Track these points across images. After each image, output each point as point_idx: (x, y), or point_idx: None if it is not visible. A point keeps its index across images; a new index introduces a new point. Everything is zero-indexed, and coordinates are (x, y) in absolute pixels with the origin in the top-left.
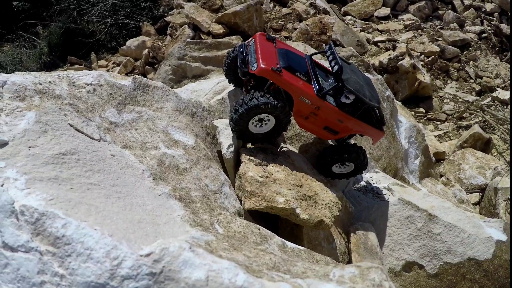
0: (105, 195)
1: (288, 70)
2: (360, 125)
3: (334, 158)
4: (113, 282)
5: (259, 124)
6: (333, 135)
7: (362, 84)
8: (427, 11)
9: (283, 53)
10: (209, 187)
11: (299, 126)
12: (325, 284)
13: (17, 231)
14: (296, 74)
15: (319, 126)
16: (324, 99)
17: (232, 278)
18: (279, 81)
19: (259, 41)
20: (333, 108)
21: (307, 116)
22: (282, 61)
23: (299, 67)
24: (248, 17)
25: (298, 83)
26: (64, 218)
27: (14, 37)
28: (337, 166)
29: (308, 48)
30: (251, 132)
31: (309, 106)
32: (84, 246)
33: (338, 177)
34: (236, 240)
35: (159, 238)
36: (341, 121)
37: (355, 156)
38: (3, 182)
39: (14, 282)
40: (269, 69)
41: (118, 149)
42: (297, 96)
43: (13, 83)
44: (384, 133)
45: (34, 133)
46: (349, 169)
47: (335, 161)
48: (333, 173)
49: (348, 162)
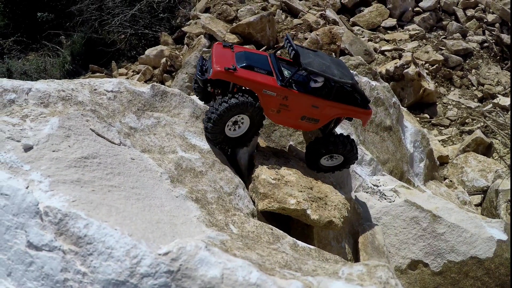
0: (125, 196)
1: (246, 68)
2: (340, 107)
3: (321, 151)
4: (133, 279)
5: (234, 127)
6: (315, 124)
7: (328, 65)
8: (432, 21)
9: (241, 55)
10: (224, 189)
11: (275, 122)
12: (335, 282)
13: (41, 231)
14: (255, 70)
15: (296, 118)
16: (290, 88)
17: (246, 275)
18: (236, 80)
19: (215, 50)
20: (302, 95)
21: (279, 110)
22: (239, 61)
23: (259, 64)
24: (261, 28)
25: (257, 77)
26: (86, 218)
27: (38, 46)
28: (326, 159)
29: None
30: (228, 137)
31: (276, 99)
32: (105, 245)
33: (328, 170)
34: (250, 239)
35: (177, 237)
36: (316, 106)
37: (342, 148)
38: (28, 185)
39: (38, 280)
40: (222, 70)
41: (137, 153)
42: (259, 91)
43: (38, 90)
44: (371, 112)
45: (58, 137)
46: (338, 161)
47: (322, 154)
48: (322, 166)
49: (336, 154)
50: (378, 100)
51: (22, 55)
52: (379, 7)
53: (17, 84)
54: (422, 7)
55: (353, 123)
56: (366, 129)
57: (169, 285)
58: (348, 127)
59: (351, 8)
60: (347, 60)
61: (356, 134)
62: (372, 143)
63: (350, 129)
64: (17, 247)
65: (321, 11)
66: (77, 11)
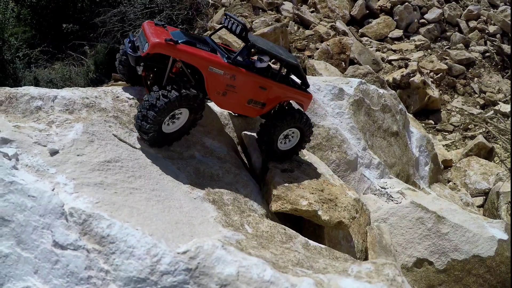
0: (145, 198)
1: (187, 44)
2: (287, 89)
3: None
4: (153, 277)
5: (171, 122)
6: (261, 109)
7: (272, 45)
8: (436, 32)
9: (177, 33)
10: (239, 191)
11: (220, 106)
12: (344, 279)
13: (67, 231)
14: (197, 46)
15: (243, 101)
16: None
17: (260, 273)
18: (178, 54)
19: (147, 26)
20: (250, 74)
21: (225, 91)
22: (178, 38)
23: (199, 42)
24: (274, 38)
25: (202, 53)
26: (109, 219)
27: (64, 56)
28: (281, 141)
29: (328, 66)
30: (165, 133)
31: (223, 78)
32: (127, 244)
33: (286, 156)
34: (264, 239)
35: (195, 237)
36: (264, 88)
37: (298, 116)
38: (54, 187)
39: (63, 277)
40: (163, 42)
41: (157, 157)
42: (205, 68)
43: (63, 97)
44: (311, 96)
45: (82, 142)
46: (295, 140)
47: (279, 132)
48: (280, 152)
49: (292, 129)
50: (385, 107)
51: (48, 64)
52: (386, 19)
53: (43, 92)
54: (427, 19)
55: (362, 128)
56: (374, 134)
57: (187, 282)
58: (357, 132)
59: (360, 20)
60: (356, 69)
61: (364, 139)
62: (380, 148)
63: (359, 134)
64: (43, 246)
65: (331, 22)
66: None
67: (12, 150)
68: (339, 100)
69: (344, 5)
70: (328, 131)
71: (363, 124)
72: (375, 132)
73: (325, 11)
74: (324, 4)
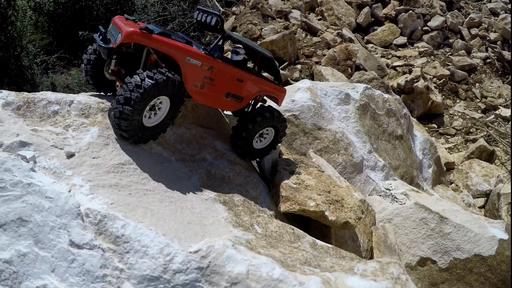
0: (159, 199)
1: (162, 35)
2: (263, 83)
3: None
4: (166, 275)
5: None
6: (239, 103)
7: (247, 39)
8: (439, 39)
9: (150, 26)
10: (249, 192)
11: (198, 101)
12: (350, 277)
13: (83, 231)
14: (172, 38)
15: (221, 95)
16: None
17: (269, 271)
18: (154, 43)
19: (118, 20)
20: (228, 65)
21: (203, 84)
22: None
23: (173, 35)
24: (283, 45)
25: (178, 43)
26: (124, 219)
27: (80, 62)
28: (256, 140)
29: (335, 72)
30: (145, 126)
31: (201, 69)
32: (140, 244)
33: (262, 154)
34: (273, 238)
35: (206, 237)
36: (241, 80)
37: (269, 115)
38: (70, 188)
39: (80, 275)
40: (137, 31)
41: (170, 159)
42: (182, 59)
43: (79, 102)
44: (286, 90)
45: (97, 145)
46: (270, 137)
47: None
48: (257, 151)
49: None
50: (390, 111)
51: (65, 70)
52: (391, 27)
53: (60, 97)
54: (430, 26)
55: (367, 132)
56: (379, 137)
57: (199, 280)
58: (363, 136)
59: (366, 27)
60: (362, 75)
61: (370, 142)
62: (385, 151)
63: (364, 137)
64: (60, 246)
65: (338, 30)
66: None
67: (30, 153)
68: (345, 104)
69: (350, 13)
70: (335, 134)
71: (368, 128)
72: (380, 135)
73: (332, 19)
74: (331, 12)
